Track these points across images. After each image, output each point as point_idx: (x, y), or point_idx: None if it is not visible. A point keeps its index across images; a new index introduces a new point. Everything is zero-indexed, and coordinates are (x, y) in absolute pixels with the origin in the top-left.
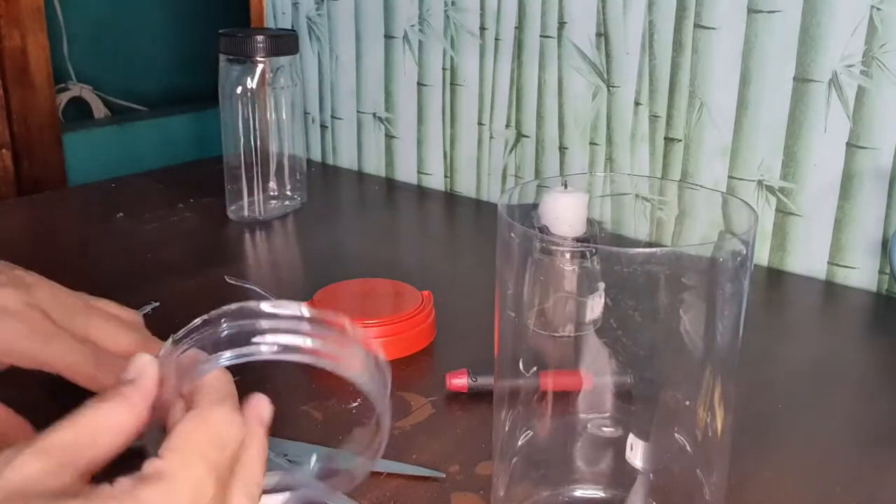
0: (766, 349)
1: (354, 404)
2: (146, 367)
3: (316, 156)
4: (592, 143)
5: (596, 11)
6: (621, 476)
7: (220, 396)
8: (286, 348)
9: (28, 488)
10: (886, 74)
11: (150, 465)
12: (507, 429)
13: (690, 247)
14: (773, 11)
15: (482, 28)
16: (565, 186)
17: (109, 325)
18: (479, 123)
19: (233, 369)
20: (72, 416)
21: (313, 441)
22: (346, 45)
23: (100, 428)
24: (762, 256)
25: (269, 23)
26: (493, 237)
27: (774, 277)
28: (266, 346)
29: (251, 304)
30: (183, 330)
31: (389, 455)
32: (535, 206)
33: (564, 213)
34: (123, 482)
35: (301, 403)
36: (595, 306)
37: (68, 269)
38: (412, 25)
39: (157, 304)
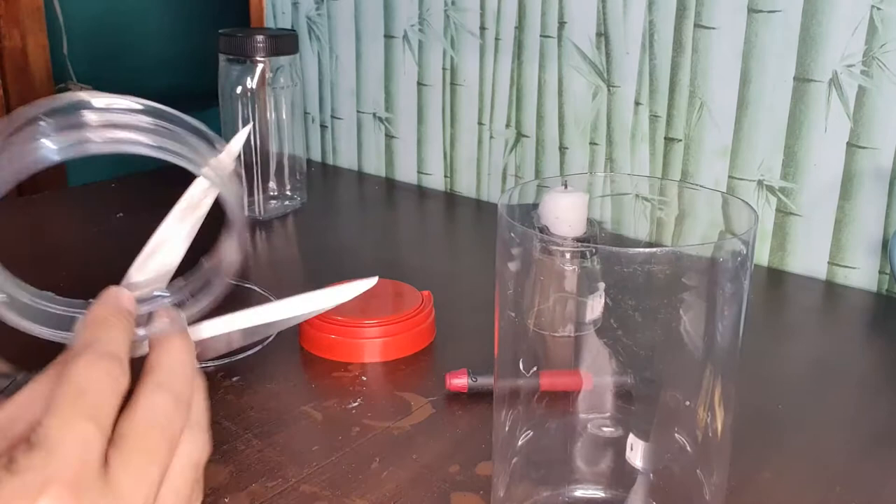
0: (766, 349)
1: (354, 404)
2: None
3: (316, 156)
4: (592, 143)
5: (596, 11)
6: (621, 476)
7: (78, 350)
8: (120, 141)
9: None
10: (886, 74)
11: (31, 434)
12: (507, 429)
13: (690, 247)
14: (773, 11)
15: (482, 28)
16: (565, 186)
17: None
18: (479, 123)
19: (228, 369)
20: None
21: (314, 442)
22: (346, 45)
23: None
24: (762, 256)
25: (269, 23)
26: (493, 237)
27: (774, 277)
28: (96, 139)
29: (72, 95)
30: None
31: (389, 455)
32: (535, 206)
33: (564, 213)
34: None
35: (301, 403)
36: (595, 306)
37: (68, 269)
38: (412, 25)
39: None
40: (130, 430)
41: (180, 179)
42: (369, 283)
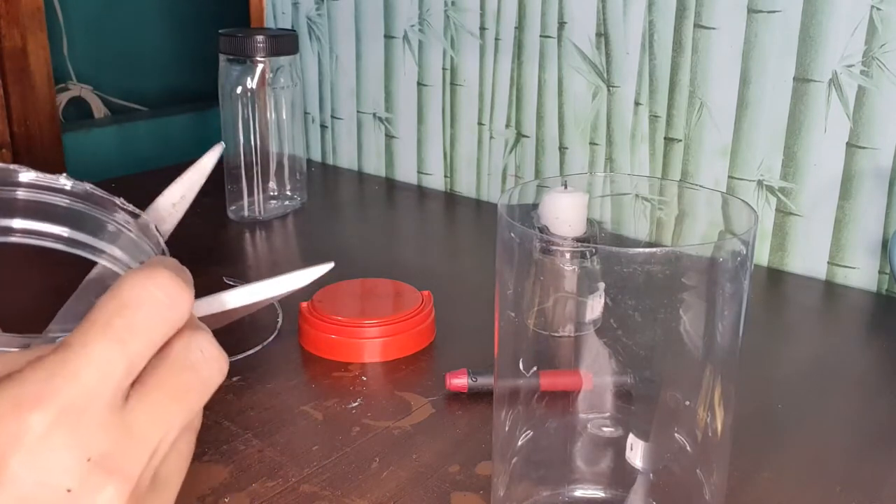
0: (766, 349)
1: (354, 404)
2: None
3: (316, 156)
4: (592, 143)
5: (596, 11)
6: (621, 476)
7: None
8: (39, 234)
9: None
10: (886, 74)
11: (60, 341)
12: (507, 429)
13: (690, 247)
14: (773, 11)
15: (482, 28)
16: (565, 186)
17: None
18: (479, 123)
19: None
20: None
21: (314, 442)
22: (346, 45)
23: None
24: (762, 256)
25: (269, 23)
26: (493, 237)
27: (774, 277)
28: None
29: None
30: None
31: (389, 455)
32: (535, 206)
33: (564, 213)
34: (23, 354)
35: (301, 403)
36: (595, 306)
37: (68, 269)
38: (412, 25)
39: None
40: (162, 365)
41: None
42: (325, 268)
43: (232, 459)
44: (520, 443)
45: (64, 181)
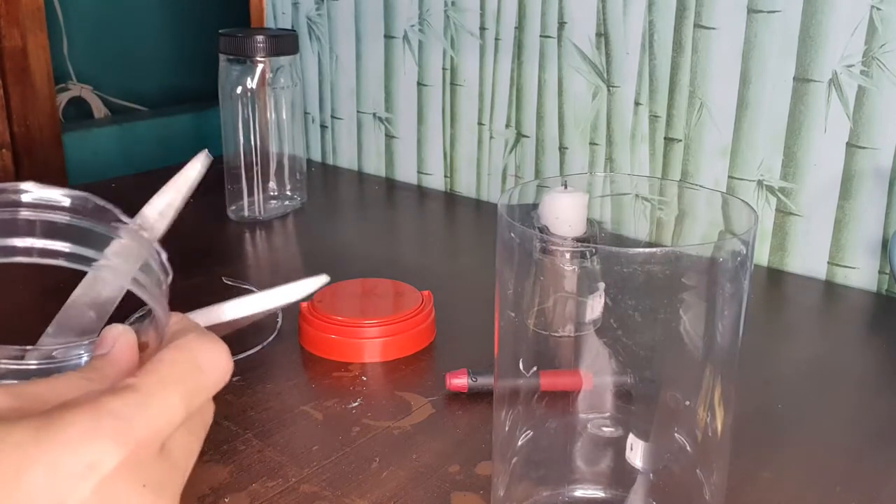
0: (766, 349)
1: (354, 404)
2: (118, 338)
3: (316, 156)
4: (592, 143)
5: (596, 11)
6: (621, 476)
7: (199, 331)
8: (44, 252)
9: None
10: (886, 74)
11: (121, 382)
12: (507, 429)
13: (690, 247)
14: (773, 11)
15: (482, 28)
16: (565, 186)
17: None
18: (479, 123)
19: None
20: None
21: (314, 442)
22: (346, 45)
23: (68, 395)
24: (762, 256)
25: (269, 23)
26: (493, 237)
27: (774, 277)
28: (21, 248)
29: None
30: None
31: (389, 455)
32: (535, 206)
33: (564, 213)
34: (90, 393)
35: (301, 403)
36: (595, 306)
37: (68, 269)
38: (412, 25)
39: None
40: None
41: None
42: (319, 280)
43: (232, 459)
44: (520, 443)
45: (62, 197)
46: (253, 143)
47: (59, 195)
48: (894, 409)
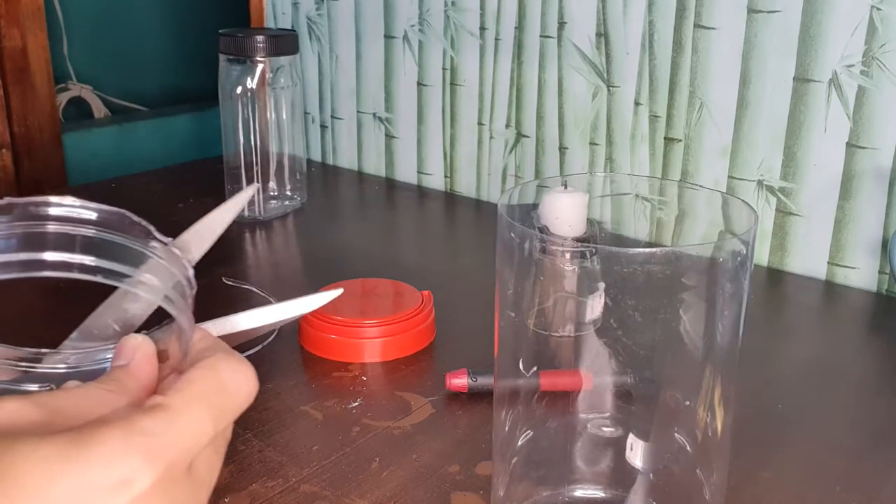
0: (766, 349)
1: (354, 404)
2: (137, 349)
3: (316, 156)
4: (592, 143)
5: (596, 11)
6: (621, 476)
7: (225, 350)
8: (68, 265)
9: (12, 424)
10: (886, 74)
11: (151, 400)
12: (507, 429)
13: (690, 247)
14: (773, 11)
15: (482, 28)
16: (565, 186)
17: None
18: (479, 123)
19: None
20: (66, 387)
21: (314, 442)
22: (346, 45)
23: (91, 408)
24: (762, 256)
25: (269, 23)
26: (493, 237)
27: (774, 277)
28: (50, 261)
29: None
30: None
31: (389, 455)
32: (535, 206)
33: (564, 213)
34: (120, 411)
35: (301, 403)
36: (595, 306)
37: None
38: (412, 25)
39: None
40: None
41: (180, 179)
42: (334, 293)
43: (232, 459)
44: (520, 443)
45: (90, 213)
46: (253, 143)
47: (92, 210)
48: (894, 409)
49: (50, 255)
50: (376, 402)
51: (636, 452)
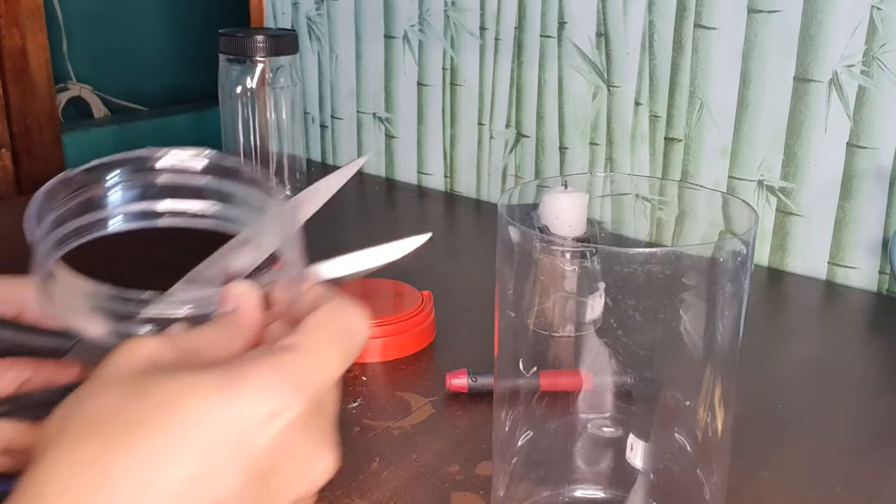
0: (766, 349)
1: (354, 404)
2: (242, 297)
3: (316, 156)
4: (592, 143)
5: (596, 11)
6: (621, 476)
7: (341, 296)
8: (184, 214)
9: (157, 362)
10: (886, 74)
11: (285, 339)
12: (507, 429)
13: (690, 247)
14: (773, 11)
15: (482, 28)
16: (565, 186)
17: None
18: (479, 123)
19: None
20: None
21: None
22: (346, 45)
23: (217, 349)
24: (762, 256)
25: (269, 23)
26: (493, 237)
27: (774, 277)
28: (164, 214)
29: (144, 154)
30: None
31: (389, 455)
32: (535, 206)
33: (564, 213)
34: (256, 350)
35: None
36: (595, 306)
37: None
38: (412, 25)
39: None
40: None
41: None
42: (422, 238)
43: None
44: (520, 443)
45: (201, 161)
46: (253, 142)
47: (234, 161)
48: (894, 409)
49: (165, 204)
50: (376, 402)
51: (636, 452)
